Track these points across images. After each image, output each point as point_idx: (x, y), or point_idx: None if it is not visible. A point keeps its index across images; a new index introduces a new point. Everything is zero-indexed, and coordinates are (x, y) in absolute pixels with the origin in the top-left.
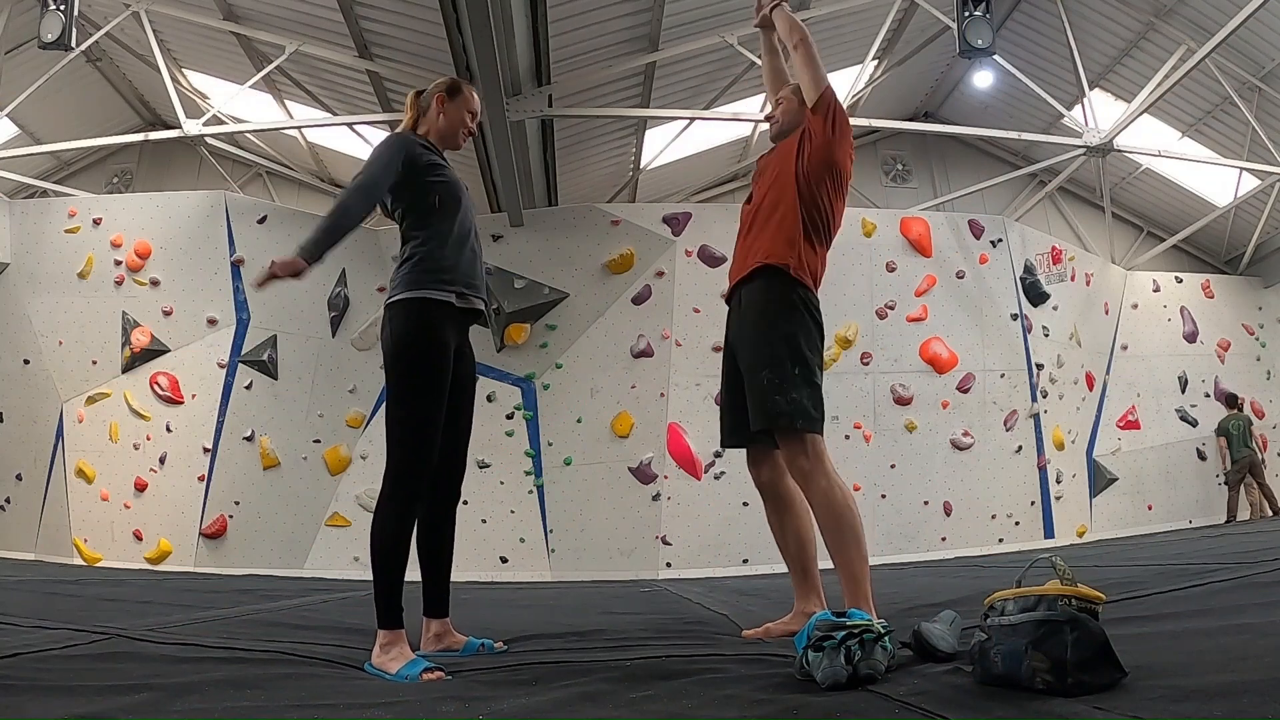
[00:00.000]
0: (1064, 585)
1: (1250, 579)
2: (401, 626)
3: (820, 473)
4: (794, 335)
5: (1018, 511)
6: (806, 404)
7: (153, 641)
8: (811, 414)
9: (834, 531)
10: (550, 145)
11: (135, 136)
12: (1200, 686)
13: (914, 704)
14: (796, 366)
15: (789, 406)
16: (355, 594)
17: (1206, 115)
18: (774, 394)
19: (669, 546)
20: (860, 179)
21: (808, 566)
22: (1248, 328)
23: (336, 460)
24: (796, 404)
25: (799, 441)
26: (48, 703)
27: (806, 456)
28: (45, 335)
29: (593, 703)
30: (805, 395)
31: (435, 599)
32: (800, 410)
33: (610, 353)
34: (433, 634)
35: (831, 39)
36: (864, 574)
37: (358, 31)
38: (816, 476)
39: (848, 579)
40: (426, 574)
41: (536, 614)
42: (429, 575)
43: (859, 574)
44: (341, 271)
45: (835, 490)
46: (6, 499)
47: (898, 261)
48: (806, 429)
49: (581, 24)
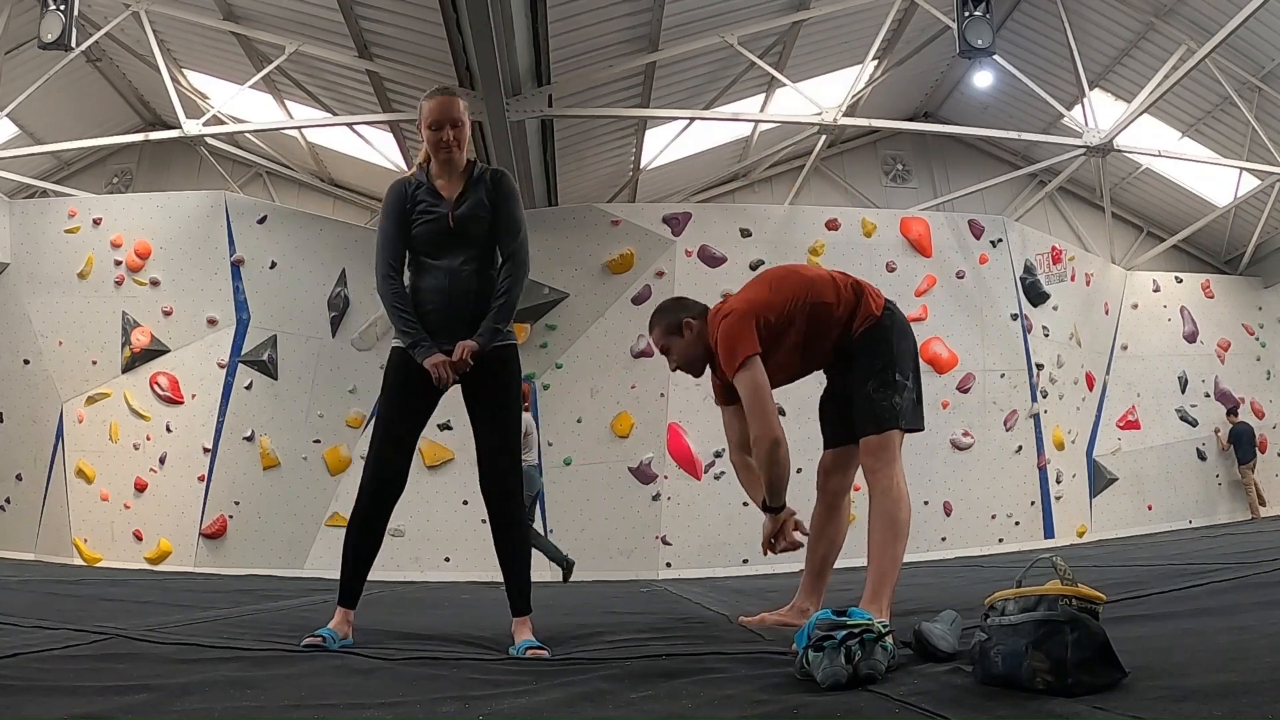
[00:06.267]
0: (1064, 585)
1: (1250, 579)
2: (341, 605)
3: (891, 470)
4: (896, 351)
5: (1018, 511)
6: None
7: (153, 641)
8: (908, 414)
9: (883, 526)
10: (550, 145)
11: (135, 136)
12: (1200, 686)
13: (914, 704)
14: (894, 373)
15: (893, 410)
16: None
17: (1206, 115)
18: (882, 400)
19: (669, 546)
20: (860, 179)
21: (824, 570)
22: (1248, 328)
23: (336, 460)
24: (897, 406)
25: (882, 438)
26: (48, 703)
27: (886, 450)
28: (45, 335)
29: (593, 703)
30: (902, 398)
31: (509, 597)
32: (897, 411)
33: (610, 353)
34: (511, 630)
35: (831, 39)
36: (892, 577)
37: (358, 31)
38: (888, 473)
39: (875, 574)
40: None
41: (536, 614)
42: (504, 576)
43: (888, 574)
44: (341, 271)
45: (897, 488)
46: (6, 499)
47: (898, 261)
48: (906, 427)
49: (581, 24)
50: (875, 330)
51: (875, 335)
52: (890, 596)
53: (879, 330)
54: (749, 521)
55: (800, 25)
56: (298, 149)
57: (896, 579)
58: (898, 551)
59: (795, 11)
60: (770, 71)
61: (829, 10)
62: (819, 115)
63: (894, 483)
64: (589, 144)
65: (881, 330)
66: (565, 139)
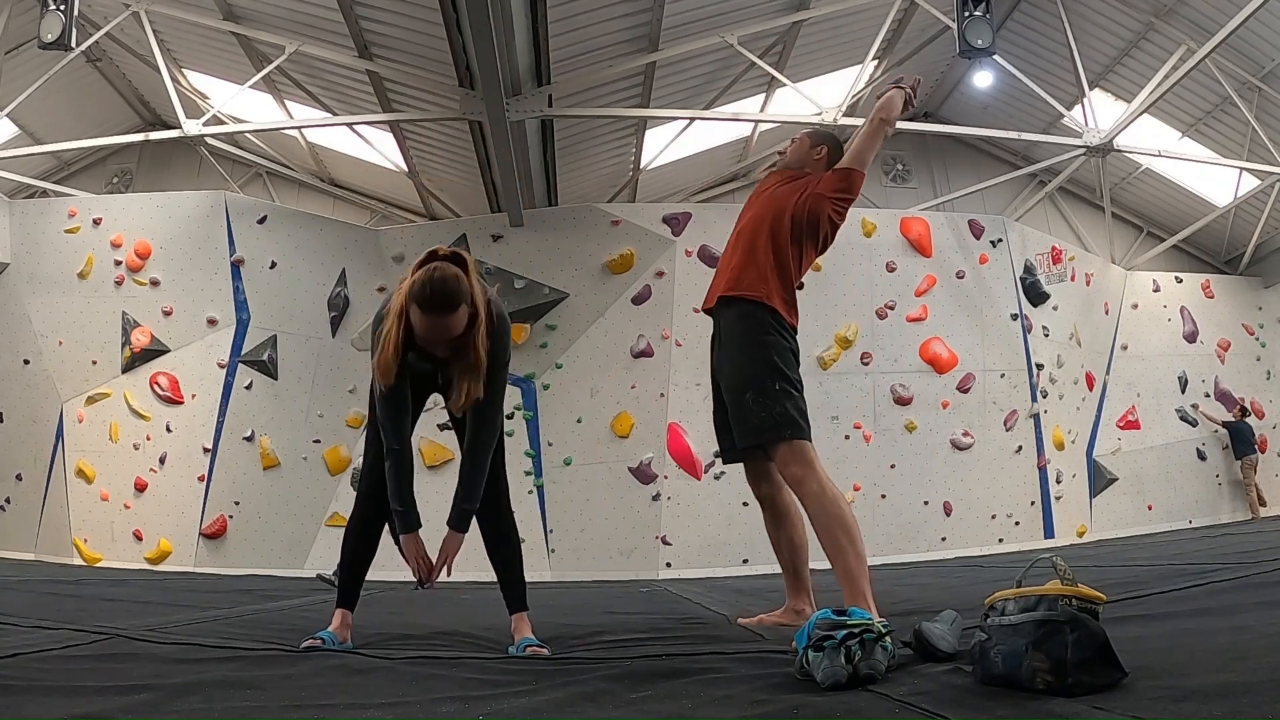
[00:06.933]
0: (1064, 585)
1: (1250, 579)
2: (340, 607)
3: (812, 477)
4: (769, 356)
5: (1018, 511)
6: (792, 413)
7: (153, 641)
8: (798, 422)
9: (828, 531)
10: (550, 145)
11: (135, 136)
12: (1200, 686)
13: (914, 704)
14: (776, 382)
15: (775, 420)
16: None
17: (1206, 115)
18: (760, 411)
19: (669, 546)
20: None
21: (799, 569)
22: (1248, 328)
23: (336, 460)
24: (782, 415)
25: (789, 449)
26: (48, 703)
27: (798, 463)
28: (45, 335)
29: (593, 703)
30: (790, 406)
31: (505, 597)
32: (787, 420)
33: (610, 353)
34: (511, 629)
35: (831, 39)
36: (860, 571)
37: (358, 31)
38: (809, 481)
39: (844, 577)
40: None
41: (536, 614)
42: (499, 581)
43: (855, 572)
44: (341, 271)
45: (827, 492)
46: (6, 499)
47: (898, 261)
48: (794, 436)
49: (581, 24)
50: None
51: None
52: (869, 592)
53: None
54: (749, 521)
55: (800, 25)
56: (298, 149)
57: (867, 573)
58: (857, 550)
59: (795, 11)
60: (770, 71)
61: (829, 10)
62: (819, 115)
63: (822, 486)
64: (589, 144)
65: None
66: (565, 139)
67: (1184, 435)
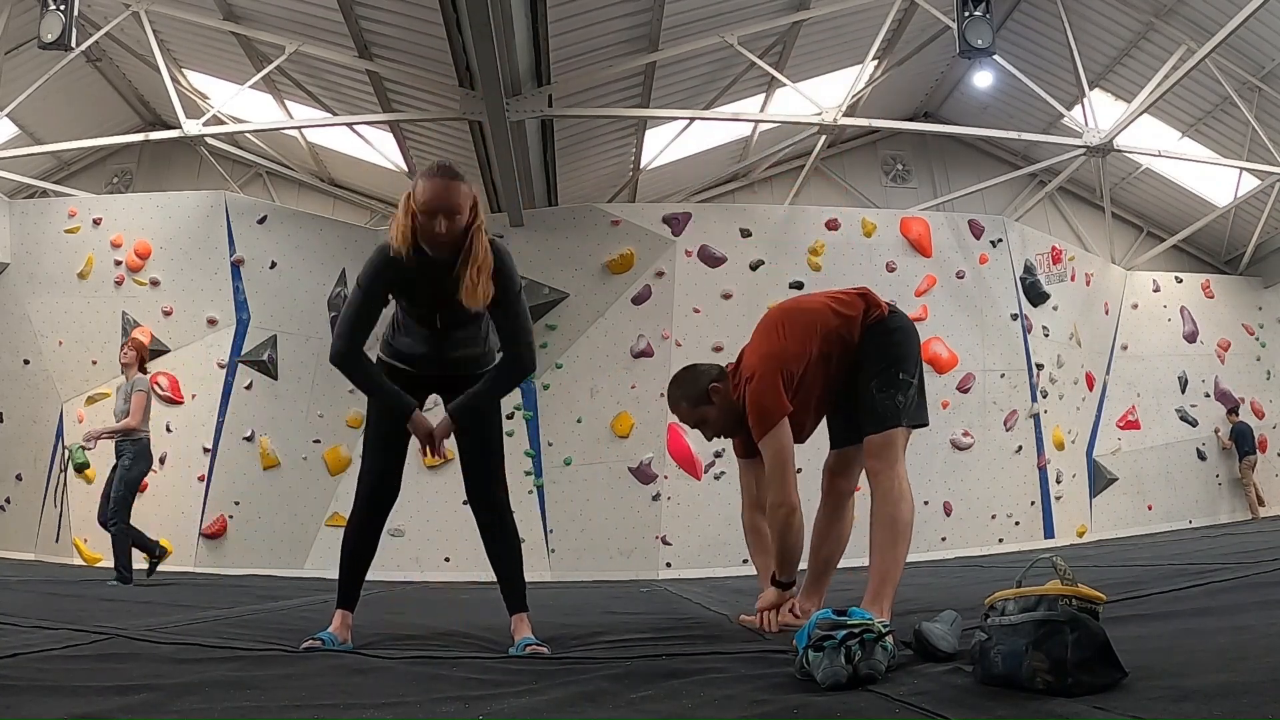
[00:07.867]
0: (1064, 585)
1: (1250, 579)
2: (340, 608)
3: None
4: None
5: (1018, 511)
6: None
7: (153, 641)
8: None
9: (884, 526)
10: (550, 145)
11: (135, 136)
12: (1200, 686)
13: (914, 704)
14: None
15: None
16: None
17: (1206, 115)
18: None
19: (669, 546)
20: (860, 179)
21: (828, 571)
22: (1248, 328)
23: (336, 460)
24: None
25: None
26: (48, 703)
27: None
28: (45, 335)
29: (593, 703)
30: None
31: (504, 597)
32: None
33: (610, 353)
34: (511, 629)
35: (831, 39)
36: (891, 577)
37: (358, 31)
38: (896, 469)
39: (875, 575)
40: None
41: (536, 614)
42: (498, 579)
43: (888, 575)
44: (341, 271)
45: (905, 485)
46: (6, 499)
47: (898, 261)
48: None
49: (581, 24)
50: (878, 328)
51: (878, 332)
52: (892, 598)
53: (882, 327)
54: None
55: (800, 25)
56: (298, 149)
57: (898, 581)
58: (900, 554)
59: (795, 11)
60: (770, 71)
61: (829, 10)
62: (819, 115)
63: (896, 484)
64: (589, 144)
65: (884, 328)
66: (565, 139)
67: (1184, 435)
